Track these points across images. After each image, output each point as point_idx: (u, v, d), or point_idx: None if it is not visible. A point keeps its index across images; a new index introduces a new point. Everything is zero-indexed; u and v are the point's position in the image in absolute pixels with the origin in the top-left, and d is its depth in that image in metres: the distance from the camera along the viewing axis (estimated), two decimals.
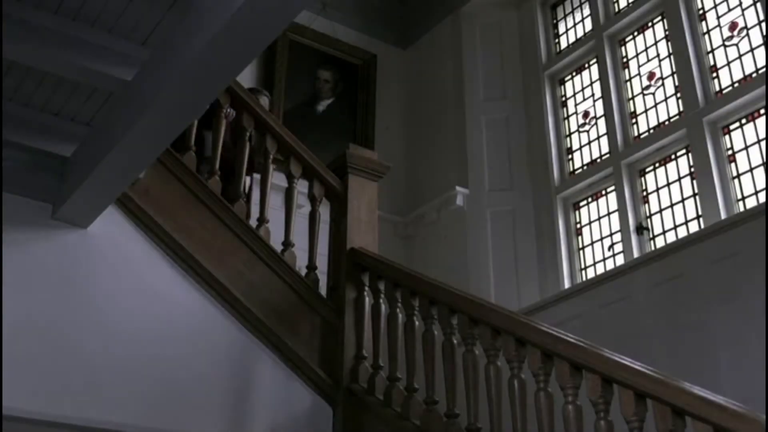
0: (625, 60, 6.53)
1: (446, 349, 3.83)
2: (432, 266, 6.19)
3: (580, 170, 6.52)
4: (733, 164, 5.50)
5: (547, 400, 3.26)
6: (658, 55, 6.26)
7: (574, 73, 6.92)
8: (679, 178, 5.81)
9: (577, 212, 6.48)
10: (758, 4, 5.58)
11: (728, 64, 5.75)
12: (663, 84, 6.16)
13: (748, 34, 5.67)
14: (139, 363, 3.92)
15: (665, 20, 6.22)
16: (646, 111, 6.22)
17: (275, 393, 4.23)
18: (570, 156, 6.67)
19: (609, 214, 6.22)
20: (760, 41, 5.56)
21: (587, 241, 6.32)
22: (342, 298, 4.47)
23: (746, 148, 5.45)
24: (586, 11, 6.90)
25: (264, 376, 4.24)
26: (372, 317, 4.39)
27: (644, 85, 6.30)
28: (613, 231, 6.13)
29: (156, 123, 3.32)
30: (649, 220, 5.90)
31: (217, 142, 4.61)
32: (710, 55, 5.89)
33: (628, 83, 6.44)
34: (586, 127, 6.63)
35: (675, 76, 6.04)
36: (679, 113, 5.92)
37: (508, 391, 3.43)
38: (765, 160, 4.95)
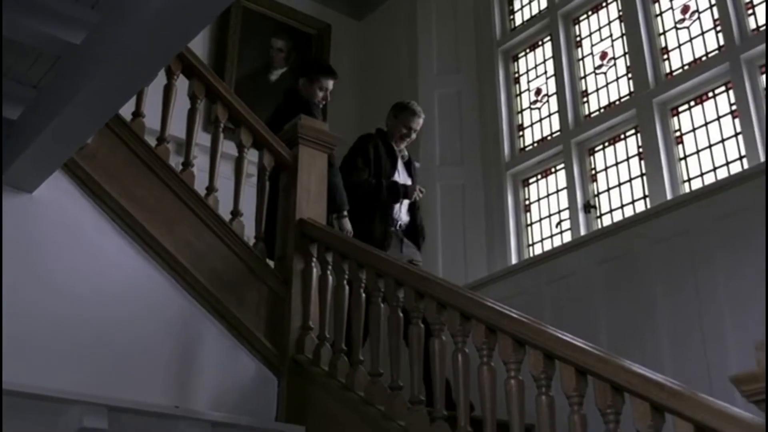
0: (578, 39, 6.56)
1: (392, 322, 3.85)
2: None
3: (530, 147, 6.56)
4: (680, 145, 5.57)
5: (490, 374, 3.29)
6: (611, 35, 6.30)
7: (527, 50, 6.94)
8: (628, 158, 5.87)
9: (526, 189, 6.53)
10: None
11: (679, 46, 5.80)
12: (615, 64, 6.20)
13: (699, 18, 5.72)
14: (84, 330, 3.88)
15: (619, 1, 6.25)
16: (597, 90, 6.26)
17: (220, 362, 4.23)
18: (521, 133, 6.70)
19: (558, 191, 6.27)
20: (711, 25, 5.61)
21: (535, 217, 6.38)
22: (289, 268, 4.47)
23: (694, 130, 5.52)
24: None
25: (209, 345, 4.23)
26: (319, 288, 4.40)
27: (596, 65, 6.34)
28: (561, 208, 6.19)
29: (104, 89, 3.27)
30: (596, 198, 5.97)
31: (166, 113, 4.57)
32: (662, 37, 5.93)
33: (581, 62, 6.47)
34: (538, 105, 6.67)
35: (627, 56, 6.08)
36: (630, 94, 5.97)
37: (452, 365, 3.46)
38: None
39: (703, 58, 5.60)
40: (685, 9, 5.83)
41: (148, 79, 3.72)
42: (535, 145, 6.53)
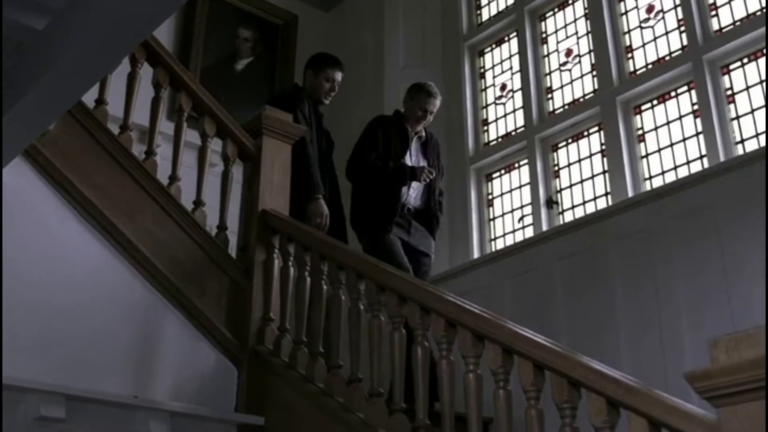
0: (544, 36, 6.59)
1: (352, 315, 3.86)
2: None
3: (494, 142, 6.59)
4: (642, 143, 5.62)
5: (449, 367, 3.31)
6: (576, 33, 6.34)
7: (494, 46, 6.97)
8: (591, 155, 5.92)
9: (489, 183, 6.56)
10: None
11: (643, 45, 5.85)
12: (580, 61, 6.24)
13: (663, 18, 5.77)
14: (44, 318, 3.85)
15: None
16: (561, 87, 6.30)
17: (180, 352, 4.21)
18: (485, 127, 6.73)
19: (521, 186, 6.31)
20: (675, 25, 5.67)
21: (498, 212, 6.41)
22: (251, 259, 4.47)
23: (656, 128, 5.58)
24: None
25: (169, 335, 4.21)
26: (280, 280, 4.40)
27: (561, 62, 6.38)
28: (523, 203, 6.22)
29: (67, 75, 3.24)
30: (559, 194, 6.01)
31: (130, 101, 4.54)
32: (627, 36, 5.98)
33: (546, 59, 6.51)
34: (503, 100, 6.69)
35: (592, 54, 6.12)
36: (594, 91, 6.01)
37: (412, 358, 3.48)
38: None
39: (667, 58, 5.65)
40: (650, 8, 5.88)
41: (111, 66, 3.68)
42: (499, 140, 6.56)
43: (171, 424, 3.93)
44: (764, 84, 5.05)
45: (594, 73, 6.06)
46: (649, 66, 5.75)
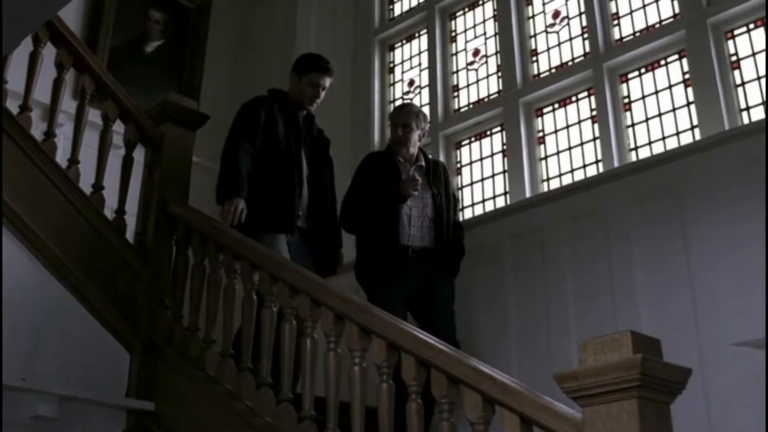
0: (453, 34, 6.70)
1: (246, 305, 3.89)
2: None
3: None
4: (542, 146, 5.76)
5: (336, 360, 3.38)
6: (485, 34, 6.46)
7: (404, 41, 7.05)
8: (492, 154, 6.04)
9: None
10: None
11: (548, 50, 6.00)
12: (486, 62, 6.36)
13: (569, 24, 5.93)
14: None
15: (494, 0, 6.40)
16: (468, 86, 6.41)
17: (72, 336, 4.18)
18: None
19: None
20: (579, 32, 5.82)
21: None
22: (149, 246, 4.46)
23: (556, 131, 5.72)
24: None
25: (62, 319, 4.18)
26: (177, 267, 4.41)
27: (469, 61, 6.49)
28: None
29: None
30: (460, 191, 6.11)
31: (31, 81, 4.49)
32: (533, 39, 6.12)
33: (454, 57, 6.62)
34: (410, 96, 6.78)
35: (498, 55, 6.24)
36: (498, 92, 6.14)
37: (301, 349, 3.53)
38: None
39: (569, 63, 5.80)
40: (556, 14, 6.02)
41: (11, 45, 3.65)
42: None
43: (59, 407, 3.91)
44: (684, 84, 5.23)
45: (499, 74, 6.18)
46: (552, 70, 5.89)
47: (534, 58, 6.05)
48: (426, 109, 6.47)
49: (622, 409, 2.30)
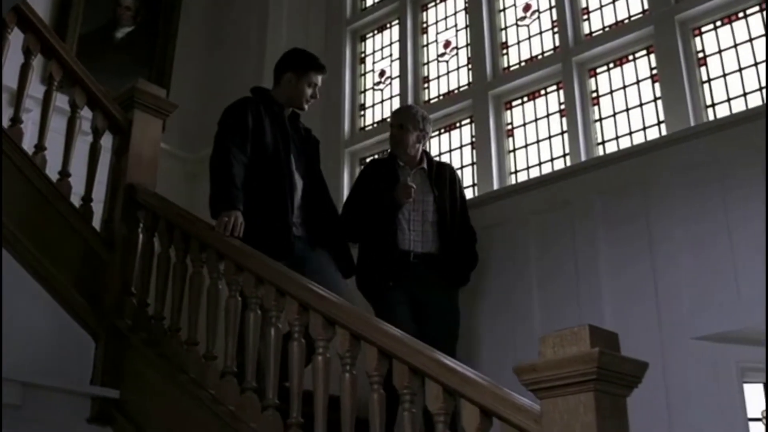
0: (425, 25, 6.71)
1: (211, 293, 3.90)
2: None
3: (370, 127, 6.69)
4: (510, 138, 5.79)
5: (300, 349, 3.39)
6: (456, 26, 6.48)
7: (375, 32, 7.06)
8: (461, 146, 6.07)
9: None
10: None
11: (518, 43, 6.02)
12: (457, 53, 6.38)
13: (539, 17, 5.96)
14: None
15: None
16: (438, 78, 6.44)
17: (36, 323, 4.16)
18: (362, 112, 6.82)
19: None
20: (549, 26, 5.85)
21: None
22: (115, 232, 4.45)
23: (524, 124, 5.76)
24: None
25: (26, 305, 4.15)
26: (143, 255, 4.40)
27: (440, 53, 6.51)
28: None
29: None
30: None
31: None
32: (503, 32, 6.14)
33: (425, 48, 6.64)
34: (381, 86, 6.79)
35: (469, 47, 6.27)
36: (468, 84, 6.16)
37: (266, 339, 3.54)
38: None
39: (539, 57, 5.83)
40: (526, 7, 6.05)
41: None
42: (375, 125, 6.66)
43: (23, 395, 3.90)
44: (652, 79, 5.27)
45: (469, 66, 6.20)
46: (522, 63, 5.92)
47: (504, 51, 6.08)
48: (397, 100, 6.52)
49: (579, 402, 2.33)
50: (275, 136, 4.60)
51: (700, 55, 5.05)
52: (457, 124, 6.18)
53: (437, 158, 5.71)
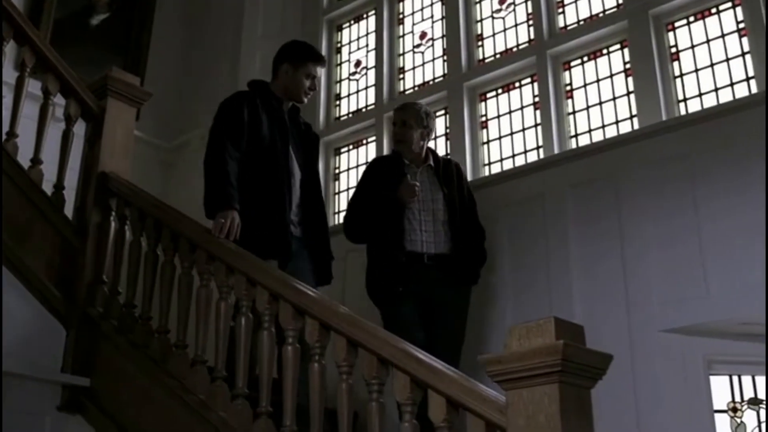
0: (401, 16, 6.71)
1: (182, 282, 3.91)
2: (190, 196, 6.19)
3: (345, 117, 6.70)
4: (485, 130, 5.82)
5: (270, 338, 3.41)
6: (432, 17, 6.49)
7: (352, 22, 7.05)
8: (435, 137, 6.06)
9: (337, 158, 6.66)
10: None
11: (494, 35, 6.04)
12: (433, 45, 6.39)
13: (515, 10, 5.97)
14: None
15: None
16: (413, 68, 6.44)
17: (7, 310, 4.13)
18: (337, 102, 6.82)
19: (367, 162, 6.41)
20: (525, 18, 5.87)
21: (344, 186, 6.52)
22: (87, 220, 4.44)
23: (498, 116, 5.78)
24: None
25: None
26: (115, 243, 4.39)
27: (416, 44, 6.52)
28: None
29: None
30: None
31: None
32: (479, 24, 6.16)
33: (401, 39, 6.64)
34: (357, 76, 6.80)
35: (444, 39, 6.27)
36: (444, 75, 6.18)
37: (235, 328, 3.56)
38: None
39: (514, 50, 5.85)
40: (502, 0, 6.07)
41: None
42: (350, 115, 6.66)
43: None
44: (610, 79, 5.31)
45: (445, 57, 6.22)
46: (497, 56, 5.94)
47: (479, 43, 6.09)
48: (372, 91, 6.52)
49: (544, 393, 2.35)
50: (272, 129, 4.49)
51: (673, 50, 5.09)
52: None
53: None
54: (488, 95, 5.91)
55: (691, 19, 5.08)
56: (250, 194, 4.28)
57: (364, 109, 6.57)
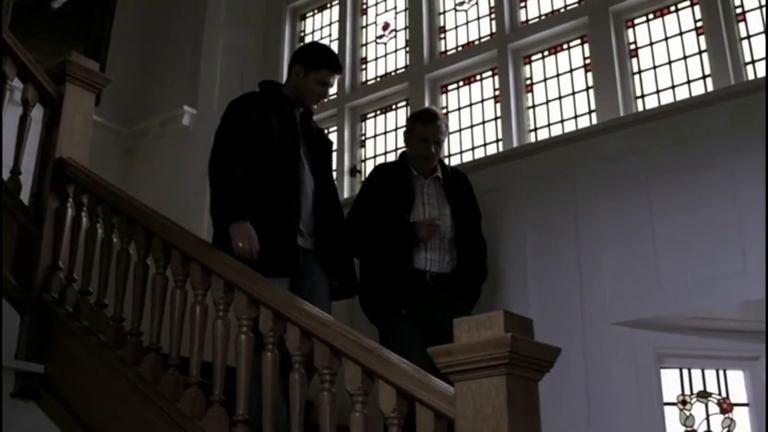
0: (364, 6, 6.71)
1: (138, 270, 3.90)
2: (150, 183, 6.21)
3: None
4: None
5: (225, 328, 3.42)
6: (395, 8, 6.50)
7: (316, 11, 7.04)
8: (396, 128, 6.11)
9: None
10: None
11: (456, 28, 6.07)
12: (395, 36, 6.41)
13: (477, 3, 6.00)
14: None
15: None
16: (376, 59, 6.46)
17: None
18: None
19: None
20: (487, 12, 5.90)
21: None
22: (43, 206, 4.41)
23: (459, 109, 5.82)
24: None
25: None
26: (72, 230, 4.37)
27: (378, 34, 6.53)
28: None
29: None
30: (363, 163, 6.18)
31: None
32: (442, 17, 6.18)
33: (364, 30, 6.65)
34: None
35: (407, 30, 6.29)
36: (406, 67, 6.20)
37: (191, 316, 3.56)
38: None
39: (475, 42, 5.89)
40: None
41: None
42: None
43: None
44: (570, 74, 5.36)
45: (407, 49, 6.24)
46: (459, 48, 5.97)
47: (442, 35, 6.12)
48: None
49: (492, 385, 2.39)
50: (283, 132, 4.17)
51: (632, 46, 5.15)
52: (393, 107, 6.21)
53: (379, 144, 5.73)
54: (449, 87, 5.94)
55: (651, 16, 5.14)
56: (256, 202, 4.00)
57: (325, 100, 6.54)
